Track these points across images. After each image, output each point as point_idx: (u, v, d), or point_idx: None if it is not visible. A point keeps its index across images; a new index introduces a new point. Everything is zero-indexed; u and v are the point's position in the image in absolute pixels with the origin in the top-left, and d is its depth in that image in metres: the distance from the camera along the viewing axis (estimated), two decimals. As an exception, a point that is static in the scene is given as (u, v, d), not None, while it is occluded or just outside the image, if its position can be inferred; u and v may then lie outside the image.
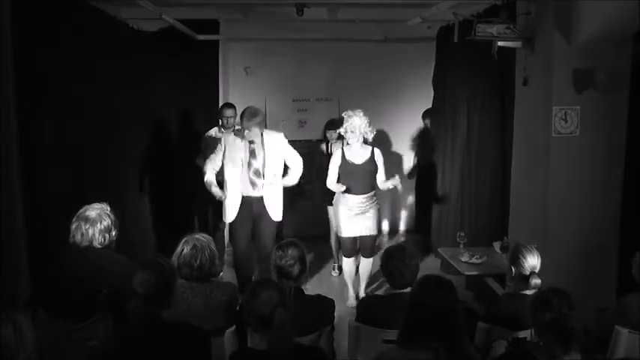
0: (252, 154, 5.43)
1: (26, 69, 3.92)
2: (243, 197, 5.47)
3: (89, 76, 4.89)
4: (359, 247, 5.75)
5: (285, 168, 5.62)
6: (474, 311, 3.74)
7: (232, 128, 6.28)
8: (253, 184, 5.46)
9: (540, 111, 4.96)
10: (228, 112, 6.46)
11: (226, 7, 7.00)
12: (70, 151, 4.58)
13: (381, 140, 8.25)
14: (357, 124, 5.45)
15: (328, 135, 6.52)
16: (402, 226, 8.70)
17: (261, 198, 5.48)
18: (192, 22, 6.82)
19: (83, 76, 4.79)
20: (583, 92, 4.78)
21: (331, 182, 5.63)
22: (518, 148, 5.44)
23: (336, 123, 6.20)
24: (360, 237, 5.66)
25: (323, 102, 8.28)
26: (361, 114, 5.50)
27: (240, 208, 5.49)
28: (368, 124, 5.52)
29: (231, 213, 5.52)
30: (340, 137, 6.01)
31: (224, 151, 5.46)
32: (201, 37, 7.12)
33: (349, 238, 5.65)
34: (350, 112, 5.52)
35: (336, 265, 6.67)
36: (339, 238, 5.94)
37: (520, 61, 5.21)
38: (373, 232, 5.65)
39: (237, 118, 6.17)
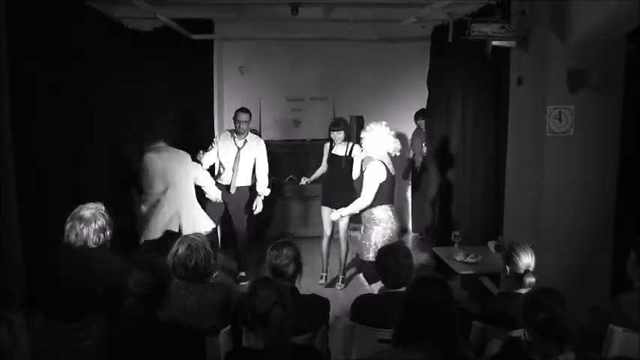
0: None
1: (21, 68, 3.90)
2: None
3: (83, 76, 4.88)
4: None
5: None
6: (469, 310, 3.75)
7: (245, 134, 6.05)
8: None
9: (535, 110, 4.96)
10: (243, 117, 6.01)
11: (221, 7, 7.00)
12: (64, 151, 4.56)
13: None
14: (379, 138, 5.09)
15: (332, 136, 6.13)
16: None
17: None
18: (186, 21, 6.81)
19: (77, 76, 4.77)
20: (577, 91, 4.79)
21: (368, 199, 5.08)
22: (512, 147, 5.44)
23: (340, 123, 6.12)
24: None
25: (317, 101, 8.28)
26: (384, 124, 5.15)
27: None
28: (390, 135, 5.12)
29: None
30: (345, 139, 6.06)
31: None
32: (195, 37, 7.10)
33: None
34: (372, 125, 5.15)
35: (324, 274, 6.31)
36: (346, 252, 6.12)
37: (514, 60, 5.22)
38: (370, 258, 5.01)
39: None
